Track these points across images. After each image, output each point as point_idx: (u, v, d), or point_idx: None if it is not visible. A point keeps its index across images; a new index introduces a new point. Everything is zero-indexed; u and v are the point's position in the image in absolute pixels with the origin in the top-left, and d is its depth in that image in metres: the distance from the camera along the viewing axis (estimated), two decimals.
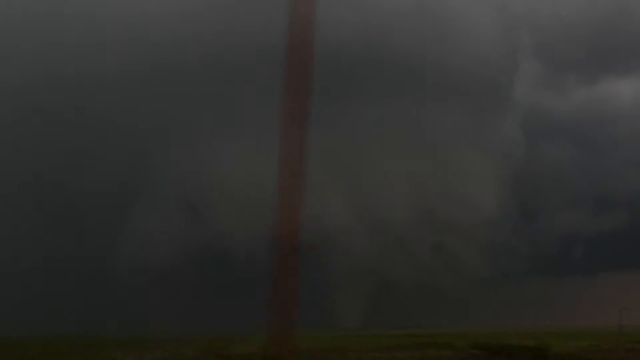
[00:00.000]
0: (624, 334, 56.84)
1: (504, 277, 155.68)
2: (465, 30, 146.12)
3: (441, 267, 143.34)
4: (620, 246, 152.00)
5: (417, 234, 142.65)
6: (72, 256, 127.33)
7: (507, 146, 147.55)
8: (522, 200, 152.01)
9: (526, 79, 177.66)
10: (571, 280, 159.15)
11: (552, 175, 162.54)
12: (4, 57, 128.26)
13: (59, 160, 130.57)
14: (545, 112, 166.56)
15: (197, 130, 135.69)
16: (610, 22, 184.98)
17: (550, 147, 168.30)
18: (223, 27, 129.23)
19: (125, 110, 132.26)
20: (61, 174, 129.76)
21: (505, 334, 65.73)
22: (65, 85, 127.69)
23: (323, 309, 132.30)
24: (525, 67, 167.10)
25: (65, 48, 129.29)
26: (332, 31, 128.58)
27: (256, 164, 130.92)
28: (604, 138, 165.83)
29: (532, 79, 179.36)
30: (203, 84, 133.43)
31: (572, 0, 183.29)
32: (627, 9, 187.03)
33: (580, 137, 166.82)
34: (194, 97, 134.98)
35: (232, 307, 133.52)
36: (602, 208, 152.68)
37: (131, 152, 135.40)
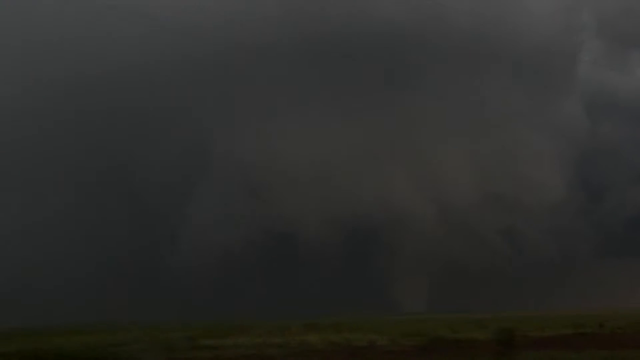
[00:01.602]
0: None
1: (571, 260, 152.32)
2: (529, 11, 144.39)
3: (509, 251, 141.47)
4: None
5: (484, 217, 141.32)
6: (138, 245, 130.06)
7: (571, 126, 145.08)
8: (588, 181, 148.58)
9: (589, 58, 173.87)
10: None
11: (616, 155, 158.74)
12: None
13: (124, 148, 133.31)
14: (609, 91, 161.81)
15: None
16: None
17: (613, 125, 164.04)
18: None
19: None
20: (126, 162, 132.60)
21: (544, 319, 64.04)
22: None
23: (388, 294, 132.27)
24: (589, 46, 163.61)
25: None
26: (394, 12, 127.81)
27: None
28: None
29: (595, 57, 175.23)
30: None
31: None
32: None
33: None
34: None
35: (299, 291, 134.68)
36: None
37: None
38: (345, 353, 27.76)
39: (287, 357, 26.29)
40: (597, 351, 26.44)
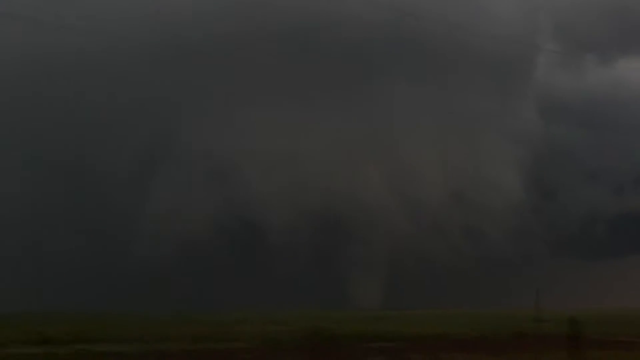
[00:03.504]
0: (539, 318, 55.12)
1: (527, 260, 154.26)
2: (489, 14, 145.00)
3: (469, 249, 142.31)
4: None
5: (447, 215, 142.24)
6: (96, 233, 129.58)
7: (526, 129, 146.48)
8: (542, 183, 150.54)
9: (545, 61, 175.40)
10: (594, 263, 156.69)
11: (570, 157, 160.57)
12: None
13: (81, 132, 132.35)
14: (563, 94, 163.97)
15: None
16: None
17: (566, 128, 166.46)
18: None
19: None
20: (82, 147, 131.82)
21: (499, 317, 64.57)
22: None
23: (345, 289, 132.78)
24: (545, 49, 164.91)
25: None
26: (363, 11, 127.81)
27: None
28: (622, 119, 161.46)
29: (551, 61, 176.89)
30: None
31: None
32: None
33: (598, 118, 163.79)
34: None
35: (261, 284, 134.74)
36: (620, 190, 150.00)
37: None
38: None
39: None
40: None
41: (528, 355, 26.25)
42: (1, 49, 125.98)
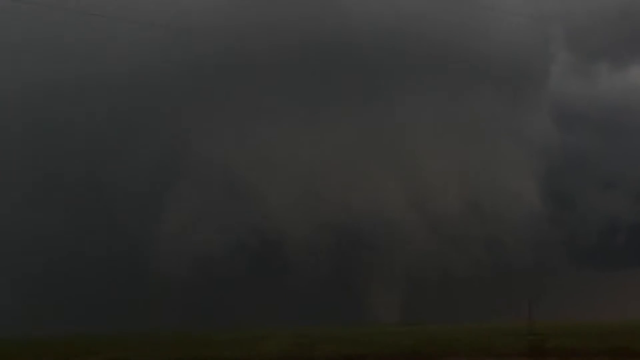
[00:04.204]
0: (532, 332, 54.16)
1: (547, 270, 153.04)
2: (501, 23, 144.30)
3: (488, 260, 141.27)
4: None
5: (466, 226, 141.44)
6: (108, 249, 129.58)
7: (542, 138, 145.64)
8: (559, 192, 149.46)
9: (559, 69, 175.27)
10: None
11: (586, 165, 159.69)
12: None
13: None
14: (576, 102, 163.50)
15: None
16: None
17: (581, 136, 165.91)
18: None
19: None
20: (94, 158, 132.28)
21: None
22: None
23: (364, 303, 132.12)
24: (558, 57, 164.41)
25: None
26: (362, 20, 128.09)
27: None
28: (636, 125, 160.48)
29: (564, 69, 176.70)
30: None
31: None
32: None
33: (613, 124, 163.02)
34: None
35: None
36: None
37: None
38: None
39: None
40: None
41: None
42: None
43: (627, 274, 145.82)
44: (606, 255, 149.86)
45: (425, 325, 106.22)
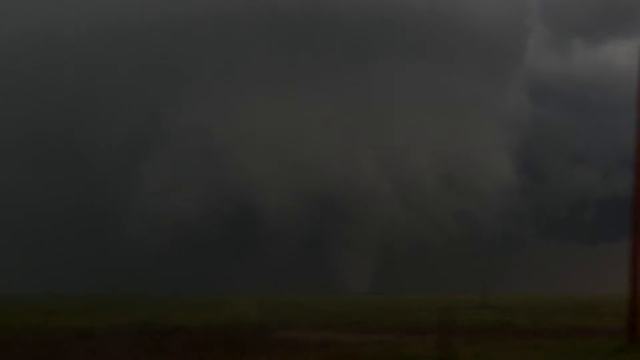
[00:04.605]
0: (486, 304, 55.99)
1: (518, 243, 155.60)
2: None
3: (459, 232, 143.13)
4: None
5: (439, 198, 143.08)
6: (86, 210, 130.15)
7: (515, 112, 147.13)
8: (531, 166, 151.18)
9: (534, 44, 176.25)
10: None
11: (558, 140, 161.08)
12: None
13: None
14: (551, 76, 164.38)
15: None
16: None
17: (555, 111, 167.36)
18: None
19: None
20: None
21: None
22: None
23: (335, 272, 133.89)
24: (534, 31, 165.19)
25: None
26: None
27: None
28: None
29: (540, 44, 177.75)
30: None
31: None
32: None
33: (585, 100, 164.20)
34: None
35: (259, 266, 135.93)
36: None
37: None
38: None
39: None
40: None
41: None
42: None
43: (595, 247, 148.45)
44: (575, 228, 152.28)
45: (388, 295, 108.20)
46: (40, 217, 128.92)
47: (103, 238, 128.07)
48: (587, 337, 27.44)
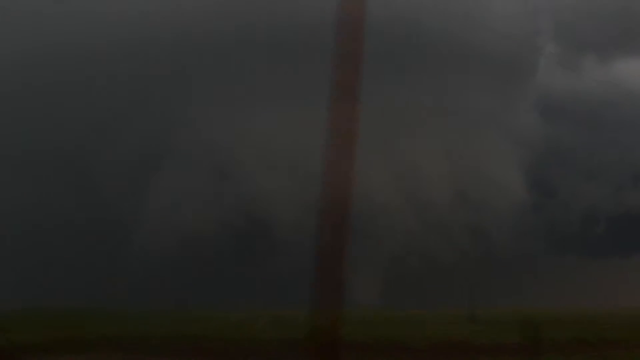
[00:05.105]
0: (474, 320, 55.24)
1: (531, 259, 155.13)
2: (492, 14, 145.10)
3: (473, 248, 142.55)
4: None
5: (453, 214, 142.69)
6: (93, 226, 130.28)
7: (528, 129, 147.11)
8: (544, 183, 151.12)
9: (546, 62, 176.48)
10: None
11: (570, 157, 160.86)
12: None
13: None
14: (563, 94, 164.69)
15: None
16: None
17: (567, 128, 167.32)
18: None
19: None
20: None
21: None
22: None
23: (347, 285, 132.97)
24: (546, 50, 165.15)
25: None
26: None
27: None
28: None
29: (551, 62, 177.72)
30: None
31: None
32: None
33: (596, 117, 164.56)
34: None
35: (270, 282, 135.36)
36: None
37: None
38: None
39: None
40: None
41: None
42: None
43: (606, 262, 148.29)
44: (586, 243, 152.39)
45: (394, 311, 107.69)
46: (48, 230, 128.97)
47: (113, 252, 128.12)
48: None
